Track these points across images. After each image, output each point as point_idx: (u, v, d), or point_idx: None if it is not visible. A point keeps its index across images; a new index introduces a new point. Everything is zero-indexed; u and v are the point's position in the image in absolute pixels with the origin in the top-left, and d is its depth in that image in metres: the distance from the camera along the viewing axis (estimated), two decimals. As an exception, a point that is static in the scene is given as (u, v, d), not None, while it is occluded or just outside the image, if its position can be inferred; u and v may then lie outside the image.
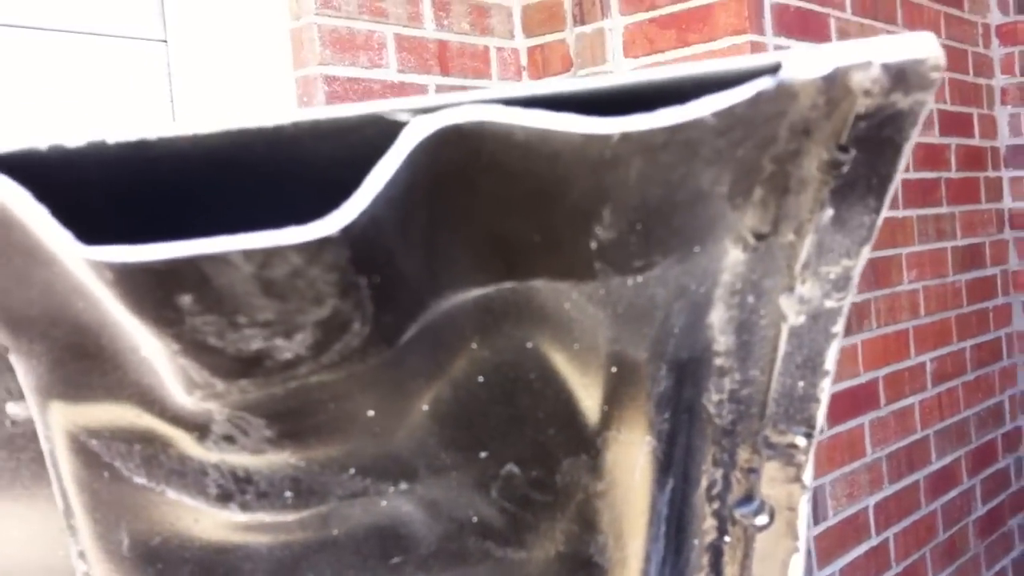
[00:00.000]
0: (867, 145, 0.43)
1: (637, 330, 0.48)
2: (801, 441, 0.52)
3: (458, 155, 0.40)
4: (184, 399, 0.45)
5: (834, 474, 2.45)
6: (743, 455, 0.52)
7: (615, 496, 0.51)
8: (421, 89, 2.24)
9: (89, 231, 0.39)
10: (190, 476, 0.49)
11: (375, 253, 0.39)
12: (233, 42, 2.10)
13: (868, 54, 0.39)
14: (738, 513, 0.53)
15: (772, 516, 0.53)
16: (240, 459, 0.48)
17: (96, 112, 1.97)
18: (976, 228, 3.19)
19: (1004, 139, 3.34)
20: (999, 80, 3.33)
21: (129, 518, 0.50)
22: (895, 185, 0.45)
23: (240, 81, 2.09)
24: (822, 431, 2.41)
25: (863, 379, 2.60)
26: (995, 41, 3.33)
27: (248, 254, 0.36)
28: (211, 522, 0.49)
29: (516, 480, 0.50)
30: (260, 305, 0.39)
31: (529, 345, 0.48)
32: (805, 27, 2.41)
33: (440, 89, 2.28)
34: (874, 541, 2.57)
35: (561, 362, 0.49)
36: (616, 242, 0.45)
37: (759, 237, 0.47)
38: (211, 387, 0.44)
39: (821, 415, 0.51)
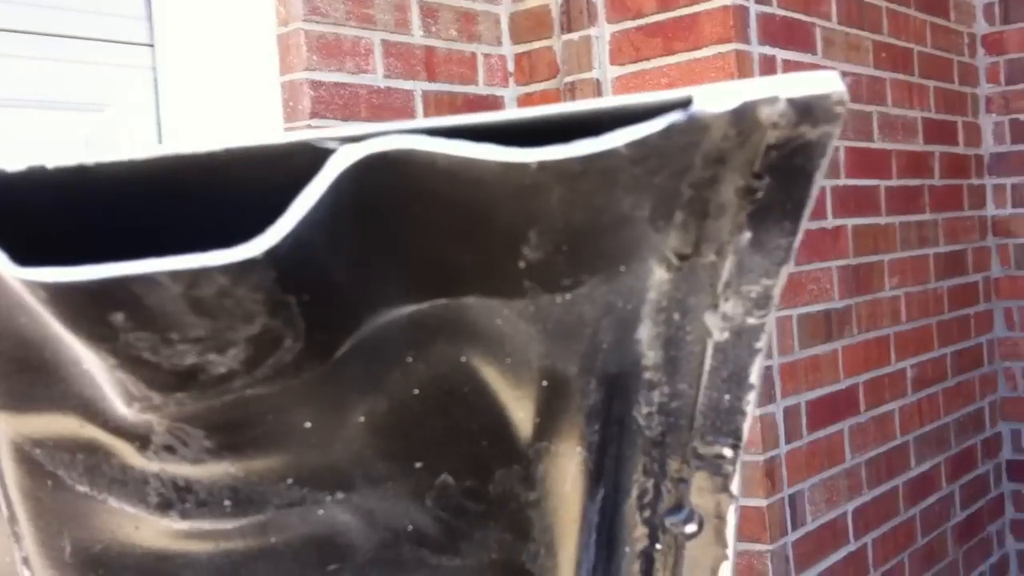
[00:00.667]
0: (780, 173, 0.45)
1: (567, 345, 0.50)
2: (728, 452, 0.53)
3: (385, 181, 0.42)
4: (124, 411, 0.47)
5: (813, 480, 2.47)
6: (673, 465, 0.54)
7: (547, 505, 0.53)
8: (407, 95, 2.26)
9: (37, 252, 0.41)
10: (131, 485, 0.50)
11: (303, 274, 0.41)
12: (220, 47, 2.12)
13: (775, 90, 0.41)
14: (668, 522, 0.55)
15: (701, 524, 0.55)
16: (180, 469, 0.50)
17: (83, 116, 1.98)
18: (959, 235, 3.21)
19: (988, 147, 3.36)
20: (984, 89, 3.36)
21: (71, 526, 0.52)
22: (809, 211, 0.47)
23: (226, 86, 2.11)
24: (801, 436, 2.43)
25: (843, 385, 2.62)
26: (980, 50, 3.35)
27: (175, 275, 0.38)
28: (152, 530, 0.51)
29: (450, 490, 0.52)
30: (191, 323, 0.41)
31: (463, 359, 0.50)
32: (791, 37, 2.43)
33: (427, 95, 2.30)
34: (852, 547, 2.59)
35: (494, 376, 0.51)
36: (544, 262, 0.47)
37: (682, 258, 0.49)
38: (148, 399, 0.45)
39: (747, 427, 0.53)
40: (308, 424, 0.49)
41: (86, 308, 0.39)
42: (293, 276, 0.41)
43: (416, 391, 0.50)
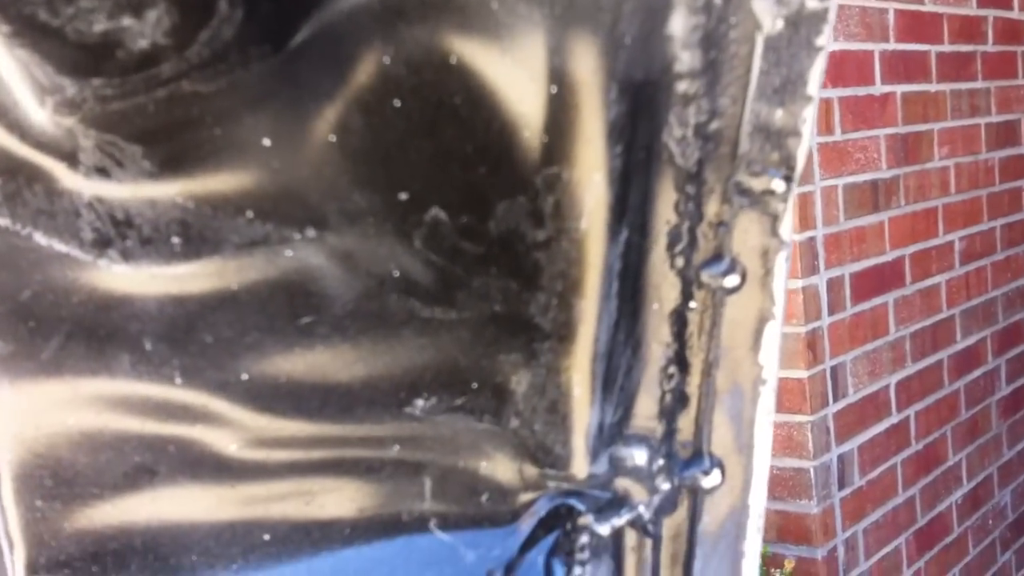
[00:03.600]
0: None
1: (580, 37, 0.40)
2: (779, 185, 0.44)
3: None
4: (40, 117, 0.39)
5: (855, 352, 2.38)
6: (711, 206, 0.45)
7: (559, 247, 0.44)
8: None
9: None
10: (60, 217, 0.42)
11: None
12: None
13: None
14: (705, 274, 0.46)
15: (744, 277, 0.46)
16: (117, 194, 0.41)
17: None
18: (1012, 104, 3.05)
19: (1045, 10, 3.17)
20: (1042, -52, 3.15)
21: None
22: None
23: None
24: (844, 307, 2.33)
25: (889, 257, 2.52)
26: (1039, -95, 3.14)
27: None
28: (89, 274, 0.43)
29: (443, 227, 0.43)
30: None
31: (452, 61, 0.41)
32: None
33: None
34: (895, 419, 2.51)
35: (491, 82, 0.41)
36: None
37: None
38: (62, 91, 0.37)
39: (803, 154, 0.44)
40: (266, 140, 0.41)
41: None
42: None
43: (397, 102, 0.41)
